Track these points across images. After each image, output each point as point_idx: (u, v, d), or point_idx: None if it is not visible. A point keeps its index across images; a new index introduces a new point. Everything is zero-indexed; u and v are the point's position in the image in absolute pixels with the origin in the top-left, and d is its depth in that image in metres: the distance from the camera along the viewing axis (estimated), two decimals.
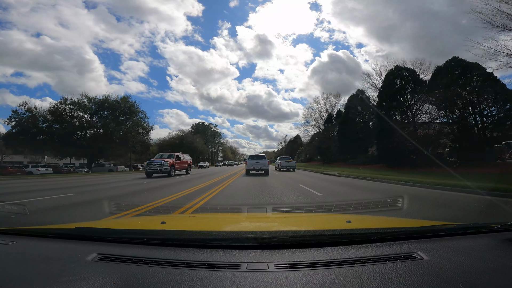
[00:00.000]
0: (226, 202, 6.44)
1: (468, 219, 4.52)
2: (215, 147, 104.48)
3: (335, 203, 5.08)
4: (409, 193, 7.72)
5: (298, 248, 1.24)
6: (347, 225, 1.74)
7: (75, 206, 6.11)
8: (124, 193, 9.01)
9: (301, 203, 6.16)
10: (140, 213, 4.35)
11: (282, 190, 8.97)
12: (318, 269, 1.05)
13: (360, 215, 3.17)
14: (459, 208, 5.67)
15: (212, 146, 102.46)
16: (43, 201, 6.88)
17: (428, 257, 1.14)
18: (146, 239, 1.35)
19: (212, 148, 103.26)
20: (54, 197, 7.62)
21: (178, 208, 5.07)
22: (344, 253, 1.19)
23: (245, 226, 2.00)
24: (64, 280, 0.99)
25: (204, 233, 1.52)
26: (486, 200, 6.33)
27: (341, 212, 3.53)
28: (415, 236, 1.37)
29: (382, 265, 1.09)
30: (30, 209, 2.06)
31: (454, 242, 1.31)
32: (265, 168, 18.56)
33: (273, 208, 3.95)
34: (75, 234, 1.46)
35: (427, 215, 4.65)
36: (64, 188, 10.81)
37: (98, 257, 1.19)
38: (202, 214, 3.72)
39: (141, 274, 1.04)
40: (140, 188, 10.27)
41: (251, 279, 0.99)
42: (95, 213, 5.01)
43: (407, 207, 4.26)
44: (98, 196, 7.74)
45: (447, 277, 0.99)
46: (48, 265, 1.14)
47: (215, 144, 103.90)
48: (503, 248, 1.25)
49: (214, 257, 1.16)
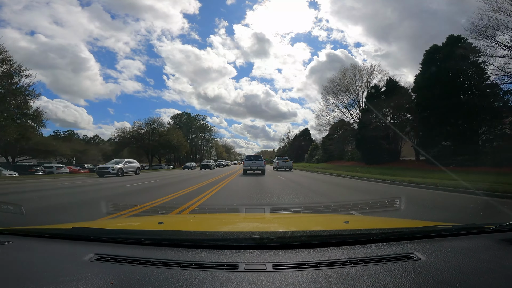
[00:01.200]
0: (224, 203, 6.44)
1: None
2: (207, 145, 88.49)
3: (333, 204, 5.10)
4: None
5: (296, 249, 1.24)
6: (345, 225, 1.75)
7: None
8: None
9: (299, 203, 6.17)
10: (137, 213, 4.33)
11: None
12: (316, 270, 1.06)
13: (358, 216, 3.18)
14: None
15: (202, 143, 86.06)
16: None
17: (425, 258, 1.14)
18: (143, 239, 1.35)
19: (204, 145, 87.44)
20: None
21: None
22: (342, 253, 1.20)
23: (243, 227, 2.00)
24: (61, 280, 0.99)
25: (202, 234, 1.52)
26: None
27: (339, 213, 3.54)
28: (412, 237, 1.37)
29: (379, 265, 1.09)
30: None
31: (451, 242, 1.32)
32: (261, 168, 19.49)
33: (271, 208, 3.95)
34: (72, 234, 1.45)
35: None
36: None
37: (95, 257, 1.18)
38: (200, 215, 3.71)
39: (139, 274, 1.04)
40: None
41: (249, 280, 0.99)
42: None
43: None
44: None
45: (444, 277, 0.99)
46: (45, 265, 1.13)
47: (206, 141, 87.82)
48: (500, 249, 1.26)
49: (212, 257, 1.16)
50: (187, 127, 77.19)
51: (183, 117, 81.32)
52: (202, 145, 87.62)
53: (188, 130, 77.84)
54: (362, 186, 10.88)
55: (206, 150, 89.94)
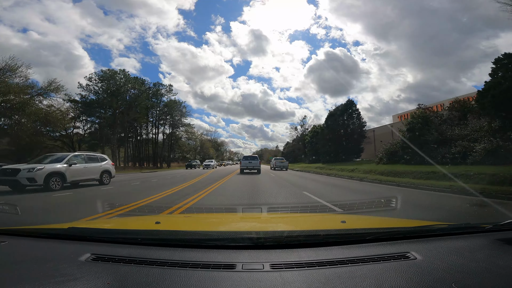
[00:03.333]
0: (221, 202, 6.42)
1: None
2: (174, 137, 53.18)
3: (330, 204, 5.12)
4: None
5: (293, 248, 1.24)
6: (342, 225, 1.75)
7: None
8: None
9: (296, 203, 6.19)
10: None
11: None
12: (313, 269, 1.06)
13: (355, 215, 3.19)
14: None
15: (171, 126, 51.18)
16: None
17: (421, 257, 1.15)
18: (140, 239, 1.34)
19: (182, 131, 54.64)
20: None
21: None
22: (339, 253, 1.20)
23: (241, 226, 2.00)
24: (57, 280, 0.98)
25: (199, 233, 1.51)
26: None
27: (336, 212, 3.55)
28: (408, 236, 1.38)
29: (376, 265, 1.10)
30: None
31: (447, 242, 1.33)
32: (257, 167, 21.48)
33: (268, 208, 3.96)
34: (68, 234, 1.44)
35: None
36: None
37: (91, 257, 1.17)
38: (197, 214, 3.70)
39: (135, 274, 1.03)
40: None
41: (246, 279, 0.98)
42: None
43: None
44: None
45: (440, 276, 1.00)
46: (41, 265, 1.12)
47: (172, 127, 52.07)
48: (495, 248, 1.27)
49: (209, 257, 1.16)
50: (116, 94, 40.66)
51: (110, 75, 41.80)
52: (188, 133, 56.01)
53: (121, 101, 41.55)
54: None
55: (183, 143, 58.53)
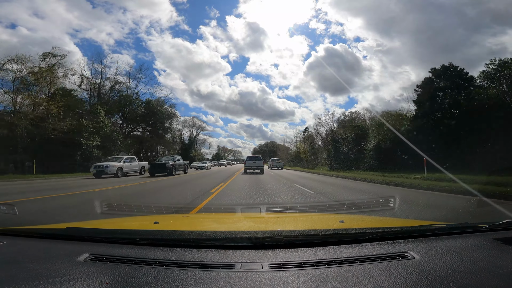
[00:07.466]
0: (220, 202, 6.42)
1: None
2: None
3: (328, 203, 5.13)
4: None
5: (292, 248, 1.25)
6: (340, 225, 1.75)
7: None
8: None
9: (295, 203, 6.20)
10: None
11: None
12: (311, 269, 1.06)
13: (353, 215, 3.21)
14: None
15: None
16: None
17: (419, 257, 1.16)
18: (138, 239, 1.34)
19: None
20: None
21: None
22: (337, 252, 1.21)
23: (239, 226, 2.00)
24: (55, 280, 0.97)
25: (198, 233, 1.51)
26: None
27: (334, 212, 3.56)
28: (406, 236, 1.39)
29: (374, 264, 1.10)
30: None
31: (445, 242, 1.34)
32: (261, 167, 22.03)
33: (267, 208, 3.96)
34: (66, 234, 1.44)
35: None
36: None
37: (89, 257, 1.17)
38: (195, 214, 3.70)
39: (134, 275, 1.03)
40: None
41: (245, 279, 0.99)
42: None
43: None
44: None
45: (438, 276, 1.00)
46: (39, 265, 1.11)
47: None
48: (492, 248, 1.28)
49: (208, 257, 1.16)
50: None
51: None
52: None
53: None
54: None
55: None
